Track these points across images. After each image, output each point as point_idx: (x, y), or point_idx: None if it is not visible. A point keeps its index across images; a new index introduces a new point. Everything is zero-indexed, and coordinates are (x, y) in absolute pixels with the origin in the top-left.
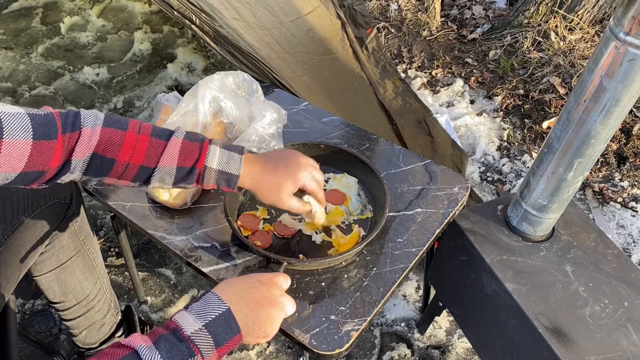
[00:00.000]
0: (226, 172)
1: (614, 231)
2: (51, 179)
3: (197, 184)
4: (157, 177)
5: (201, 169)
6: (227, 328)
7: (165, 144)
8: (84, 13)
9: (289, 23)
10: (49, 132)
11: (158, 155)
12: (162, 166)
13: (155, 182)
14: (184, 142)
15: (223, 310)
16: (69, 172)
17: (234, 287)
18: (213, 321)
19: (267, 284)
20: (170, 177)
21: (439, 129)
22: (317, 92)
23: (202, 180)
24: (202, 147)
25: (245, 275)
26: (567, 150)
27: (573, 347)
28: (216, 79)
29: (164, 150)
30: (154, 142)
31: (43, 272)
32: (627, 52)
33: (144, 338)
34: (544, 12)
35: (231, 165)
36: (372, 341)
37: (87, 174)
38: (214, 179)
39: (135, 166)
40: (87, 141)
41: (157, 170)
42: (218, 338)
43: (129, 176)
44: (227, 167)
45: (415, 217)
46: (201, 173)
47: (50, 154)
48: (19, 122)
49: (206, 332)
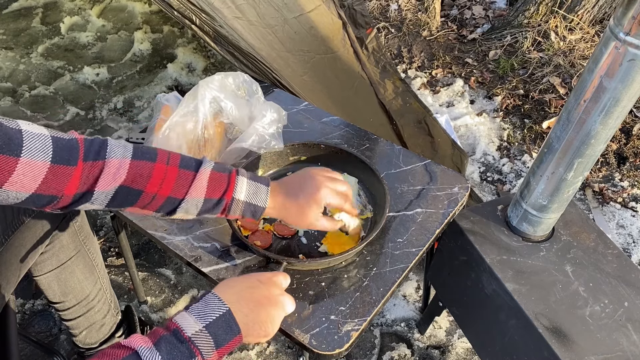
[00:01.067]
0: (253, 205)
1: (614, 231)
2: (67, 205)
3: (222, 214)
4: (184, 208)
5: (229, 200)
6: (228, 329)
7: (194, 175)
8: (84, 13)
9: (292, 20)
10: (70, 157)
11: (187, 186)
12: (190, 198)
13: (180, 213)
14: (213, 173)
15: (223, 311)
16: (88, 202)
17: (234, 287)
18: (213, 322)
19: (266, 283)
20: (196, 209)
21: (439, 129)
22: (318, 91)
23: (228, 211)
24: (230, 178)
25: (244, 275)
26: (567, 150)
27: (573, 347)
28: (216, 80)
29: (193, 181)
30: (182, 173)
31: (43, 272)
32: (627, 52)
33: (144, 339)
34: (544, 12)
35: (258, 197)
36: (372, 341)
37: (110, 206)
38: (241, 210)
39: (163, 197)
40: (114, 173)
41: (185, 202)
42: (218, 339)
43: (155, 207)
44: (255, 199)
45: (415, 217)
46: (228, 204)
47: (66, 180)
48: (41, 143)
49: (207, 333)
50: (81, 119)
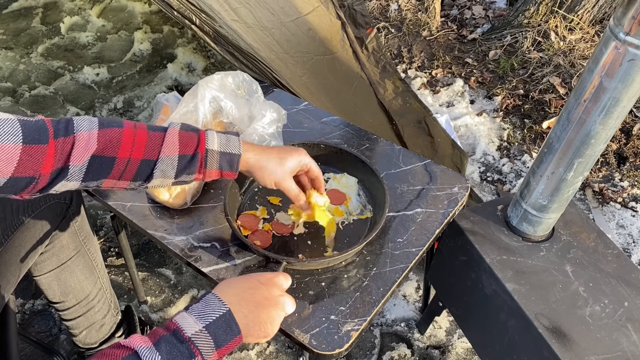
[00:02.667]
0: (228, 153)
1: (614, 231)
2: (45, 187)
3: (200, 172)
4: (160, 170)
5: (203, 153)
6: (228, 329)
7: (164, 135)
8: (84, 13)
9: (289, 23)
10: (40, 136)
11: (159, 145)
12: (164, 156)
13: (157, 177)
14: (181, 131)
15: (224, 312)
16: (64, 180)
17: (234, 287)
18: (214, 322)
19: (266, 284)
20: (172, 169)
21: (439, 129)
22: (317, 92)
23: (205, 165)
24: (199, 134)
25: (245, 275)
26: (567, 150)
27: (573, 347)
28: (216, 79)
29: (164, 140)
30: (152, 134)
31: (43, 272)
32: (627, 52)
33: (144, 339)
34: (544, 12)
35: (231, 145)
36: (372, 341)
37: (86, 180)
38: (217, 162)
39: (137, 161)
40: (85, 145)
41: (160, 162)
42: (218, 339)
43: (130, 174)
44: (228, 147)
45: (415, 217)
46: (203, 157)
47: (41, 158)
48: (9, 127)
49: (207, 334)
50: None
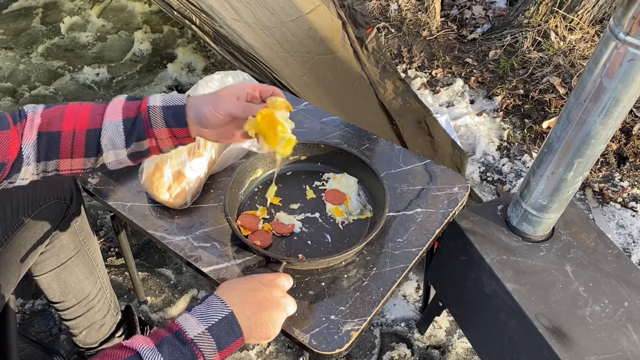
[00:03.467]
0: (171, 106)
1: (614, 231)
2: (8, 173)
3: (149, 136)
4: (107, 139)
5: (145, 111)
6: (230, 331)
7: (106, 105)
8: (84, 13)
9: (289, 22)
10: (2, 124)
11: (101, 114)
12: (107, 122)
13: (108, 149)
14: (126, 101)
15: (226, 314)
16: (24, 164)
17: (236, 289)
18: (216, 324)
19: (268, 286)
20: (119, 136)
21: (439, 129)
22: (317, 91)
23: (150, 124)
24: (142, 100)
25: (246, 277)
26: (567, 150)
27: (573, 347)
28: (216, 79)
29: (106, 108)
30: (95, 107)
31: (43, 272)
32: (627, 52)
33: (146, 340)
34: (544, 12)
35: (174, 99)
36: (372, 341)
37: (40, 160)
38: (162, 118)
39: (82, 132)
40: (31, 123)
41: (104, 129)
42: (221, 341)
43: (80, 149)
44: (171, 101)
45: (415, 217)
46: (147, 116)
47: (7, 143)
48: None
49: (209, 336)
50: None
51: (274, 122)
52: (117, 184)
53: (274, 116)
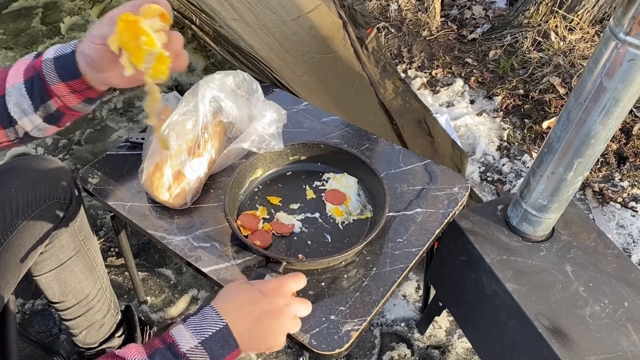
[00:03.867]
0: (61, 56)
1: (614, 231)
2: None
3: (50, 95)
4: (14, 104)
5: (39, 67)
6: (225, 344)
7: (9, 69)
8: (84, 13)
9: (290, 22)
10: None
11: (3, 80)
12: (9, 87)
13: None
14: (31, 60)
15: (220, 327)
16: None
17: (233, 302)
18: (210, 338)
19: (269, 295)
20: (25, 99)
21: (439, 129)
22: (318, 91)
23: (46, 82)
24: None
25: (246, 286)
26: (567, 150)
27: (573, 347)
28: (216, 79)
29: (8, 72)
30: (0, 71)
31: (43, 272)
32: (627, 52)
33: (139, 350)
34: (544, 12)
35: (67, 47)
36: (372, 341)
37: None
38: (55, 72)
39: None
40: None
41: (8, 94)
42: (215, 354)
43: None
44: (63, 49)
45: (415, 217)
46: (42, 73)
47: None
48: None
49: (202, 350)
50: (81, 118)
51: (137, 31)
52: (117, 184)
53: (138, 24)
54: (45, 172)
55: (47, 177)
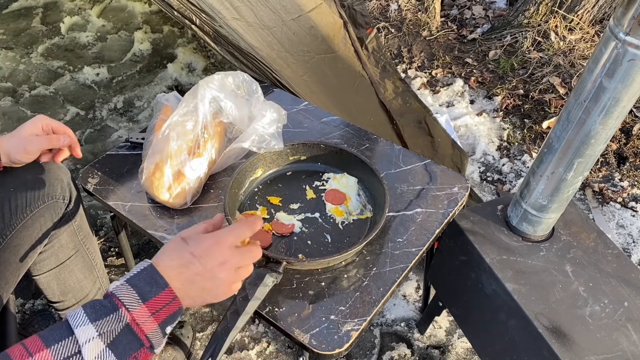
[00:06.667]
0: None
1: (614, 231)
2: None
3: None
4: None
5: None
6: (151, 281)
7: None
8: (84, 13)
9: (290, 21)
10: None
11: None
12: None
13: None
14: None
15: (145, 266)
16: None
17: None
18: (134, 275)
19: (200, 257)
20: None
21: (439, 129)
22: (318, 91)
23: None
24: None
25: (179, 244)
26: (567, 150)
27: (573, 347)
28: (216, 79)
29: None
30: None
31: (42, 272)
32: (627, 52)
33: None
34: (544, 12)
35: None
36: (372, 341)
37: None
38: None
39: None
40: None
41: None
42: (142, 291)
43: None
44: None
45: (415, 217)
46: None
47: None
48: None
49: (127, 286)
50: (81, 118)
51: None
52: (117, 184)
53: None
54: (44, 172)
55: (46, 177)
